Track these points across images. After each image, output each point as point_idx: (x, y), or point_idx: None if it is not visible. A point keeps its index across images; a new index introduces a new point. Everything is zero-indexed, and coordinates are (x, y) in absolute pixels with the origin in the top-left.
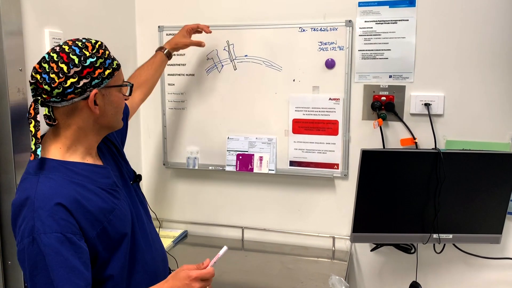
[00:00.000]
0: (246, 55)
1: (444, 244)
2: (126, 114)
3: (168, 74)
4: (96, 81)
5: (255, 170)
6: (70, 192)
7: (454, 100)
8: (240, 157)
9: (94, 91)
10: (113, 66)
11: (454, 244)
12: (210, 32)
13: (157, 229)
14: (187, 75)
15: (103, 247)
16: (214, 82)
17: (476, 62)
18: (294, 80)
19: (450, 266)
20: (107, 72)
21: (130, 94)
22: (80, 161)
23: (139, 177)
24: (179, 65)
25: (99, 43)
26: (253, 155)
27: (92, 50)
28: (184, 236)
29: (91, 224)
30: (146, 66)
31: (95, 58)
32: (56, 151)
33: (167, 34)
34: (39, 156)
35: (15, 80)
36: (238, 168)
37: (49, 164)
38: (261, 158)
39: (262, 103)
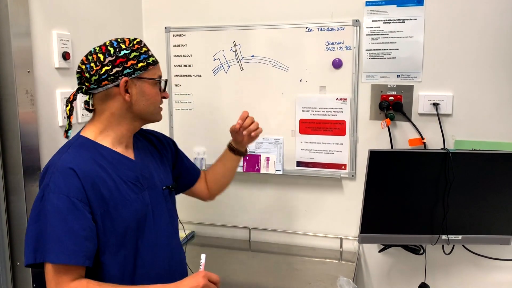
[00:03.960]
0: (252, 56)
1: (453, 245)
2: (192, 175)
3: (175, 75)
4: (128, 70)
5: (262, 170)
6: (88, 168)
7: (463, 100)
8: (247, 157)
9: (124, 78)
10: (148, 61)
11: (463, 245)
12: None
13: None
14: (194, 75)
15: (109, 232)
16: (220, 82)
17: (485, 61)
18: (301, 80)
19: (459, 268)
20: (140, 64)
21: (164, 90)
22: (109, 147)
23: (173, 186)
24: (185, 65)
25: (138, 40)
26: (260, 155)
27: (128, 44)
28: (191, 237)
29: (97, 201)
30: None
31: (129, 51)
32: (90, 133)
33: (174, 35)
34: (70, 137)
35: (23, 82)
36: (245, 168)
37: (82, 141)
38: (268, 159)
39: (268, 103)
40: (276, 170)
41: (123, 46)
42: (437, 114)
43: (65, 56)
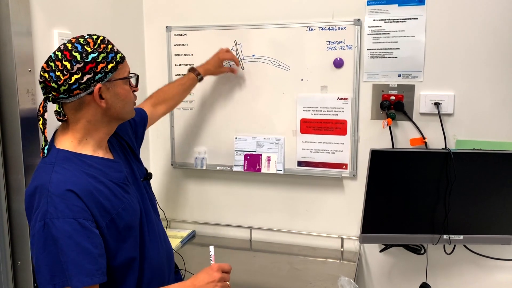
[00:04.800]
0: (253, 55)
1: (455, 245)
2: (144, 122)
3: (176, 74)
4: (99, 75)
5: (263, 170)
6: (83, 182)
7: (465, 99)
8: (248, 157)
9: (98, 85)
10: (116, 60)
11: (464, 245)
12: (238, 65)
13: (165, 229)
14: None
15: (111, 239)
16: (221, 82)
17: (486, 60)
18: (302, 80)
19: (461, 267)
20: (110, 66)
21: (137, 85)
22: (91, 154)
23: (149, 175)
24: (187, 65)
25: (101, 38)
26: (261, 155)
27: (94, 45)
28: (192, 236)
29: (100, 214)
30: (176, 83)
31: (96, 54)
32: (68, 144)
33: (175, 35)
34: (46, 154)
35: (25, 81)
36: (246, 168)
37: (63, 155)
38: (269, 158)
39: (270, 103)
40: (277, 170)
41: (89, 50)
42: (438, 114)
43: None
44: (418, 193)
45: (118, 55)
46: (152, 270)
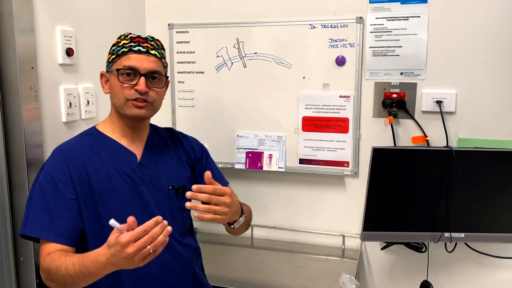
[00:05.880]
0: (255, 53)
1: (456, 243)
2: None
3: (178, 72)
4: (106, 64)
5: (265, 168)
6: (80, 151)
7: (466, 98)
8: (250, 154)
9: (101, 72)
10: (118, 53)
11: (466, 243)
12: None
13: None
14: (196, 72)
15: (88, 217)
16: (223, 79)
17: (488, 58)
18: (304, 78)
19: (462, 266)
20: (112, 57)
21: (122, 81)
22: (114, 138)
23: (182, 188)
24: (188, 62)
25: (126, 34)
26: (263, 152)
27: (117, 38)
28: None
29: (81, 184)
30: None
31: (112, 46)
32: (102, 124)
33: (177, 32)
34: None
35: (27, 78)
36: (247, 165)
37: (89, 131)
38: (270, 156)
39: (271, 100)
40: (278, 168)
41: (114, 42)
42: (440, 112)
43: (69, 52)
44: (419, 191)
45: (122, 49)
46: (133, 281)
